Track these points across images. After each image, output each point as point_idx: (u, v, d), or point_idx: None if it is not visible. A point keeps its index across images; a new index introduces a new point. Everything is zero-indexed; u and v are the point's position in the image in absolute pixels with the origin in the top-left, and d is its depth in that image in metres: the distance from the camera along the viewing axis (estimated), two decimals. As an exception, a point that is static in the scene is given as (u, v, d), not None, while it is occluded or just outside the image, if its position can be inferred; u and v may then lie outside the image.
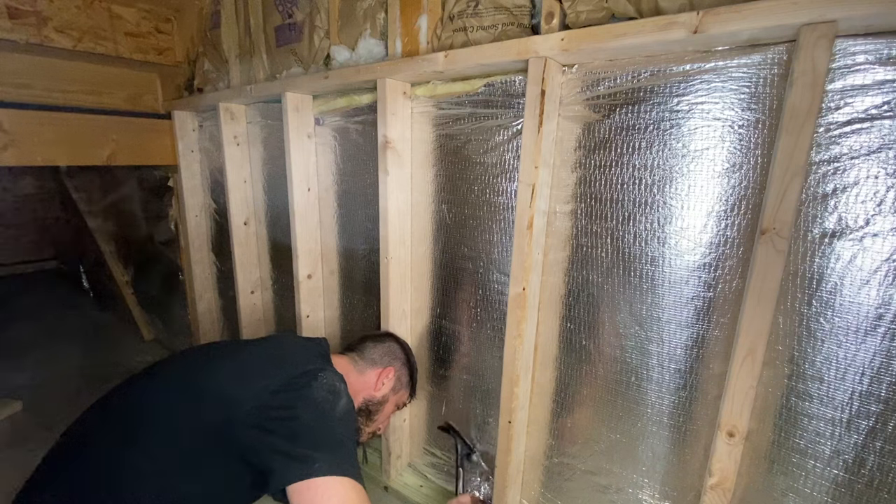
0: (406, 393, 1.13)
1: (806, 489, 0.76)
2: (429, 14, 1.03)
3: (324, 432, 0.74)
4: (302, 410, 0.75)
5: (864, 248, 0.66)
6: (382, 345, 1.11)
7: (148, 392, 0.83)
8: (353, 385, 0.98)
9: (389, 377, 1.06)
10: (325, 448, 0.72)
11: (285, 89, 1.29)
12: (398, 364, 1.10)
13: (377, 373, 1.05)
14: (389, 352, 1.11)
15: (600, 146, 0.88)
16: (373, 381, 1.04)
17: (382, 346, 1.11)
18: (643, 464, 0.93)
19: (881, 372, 0.67)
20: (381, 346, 1.11)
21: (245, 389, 0.78)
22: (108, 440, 0.77)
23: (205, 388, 0.80)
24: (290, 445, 0.71)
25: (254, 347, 0.95)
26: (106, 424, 0.80)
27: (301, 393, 0.78)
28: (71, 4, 1.50)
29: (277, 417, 0.74)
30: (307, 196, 1.40)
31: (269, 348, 0.95)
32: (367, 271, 1.37)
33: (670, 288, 0.84)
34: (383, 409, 1.07)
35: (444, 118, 1.09)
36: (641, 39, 0.73)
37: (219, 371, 0.83)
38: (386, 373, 1.06)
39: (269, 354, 0.91)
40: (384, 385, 1.05)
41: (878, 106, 0.64)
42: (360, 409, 1.01)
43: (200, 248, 1.98)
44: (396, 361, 1.10)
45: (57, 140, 1.62)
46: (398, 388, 1.09)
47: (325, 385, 0.80)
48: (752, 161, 0.74)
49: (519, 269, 0.94)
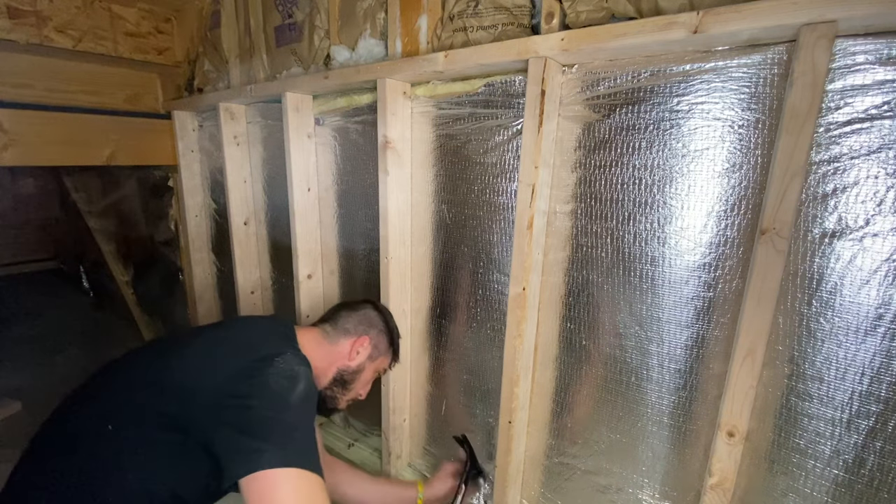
0: (386, 359, 1.12)
1: (806, 489, 0.76)
2: (429, 14, 1.03)
3: (276, 422, 0.72)
4: (255, 399, 0.73)
5: (864, 248, 0.66)
6: (357, 313, 1.09)
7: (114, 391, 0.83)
8: (324, 356, 0.99)
9: (364, 346, 1.04)
10: (276, 439, 0.70)
11: (285, 89, 1.29)
12: (374, 332, 1.07)
13: (351, 342, 1.03)
14: (365, 320, 1.08)
15: (600, 146, 0.88)
16: (346, 351, 1.02)
17: (357, 315, 1.08)
18: (643, 464, 0.93)
19: (881, 372, 0.67)
20: (356, 315, 1.08)
21: (202, 380, 0.78)
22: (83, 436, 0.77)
23: (165, 382, 0.79)
24: (240, 437, 0.69)
25: (213, 333, 0.94)
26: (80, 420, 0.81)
27: (255, 380, 0.76)
28: (71, 4, 1.50)
29: (231, 406, 0.73)
30: (307, 196, 1.40)
31: (229, 333, 0.93)
32: (367, 271, 1.37)
33: (670, 288, 0.84)
34: (360, 378, 1.06)
35: (444, 118, 1.09)
36: (641, 39, 0.73)
37: (179, 362, 0.83)
38: (360, 342, 1.04)
39: (228, 339, 0.90)
40: (359, 354, 1.03)
41: (878, 106, 0.64)
42: (335, 378, 1.01)
43: (200, 248, 1.98)
44: (372, 329, 1.07)
45: (57, 140, 1.62)
46: (375, 356, 1.07)
47: (281, 371, 0.78)
48: (752, 161, 0.74)
49: (519, 269, 0.94)
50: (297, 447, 0.71)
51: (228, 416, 0.72)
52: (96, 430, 0.77)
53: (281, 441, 0.70)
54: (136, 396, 0.79)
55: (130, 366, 0.87)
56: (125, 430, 0.76)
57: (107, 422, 0.77)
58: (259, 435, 0.69)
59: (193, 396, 0.76)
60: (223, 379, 0.77)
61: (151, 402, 0.78)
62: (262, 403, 0.73)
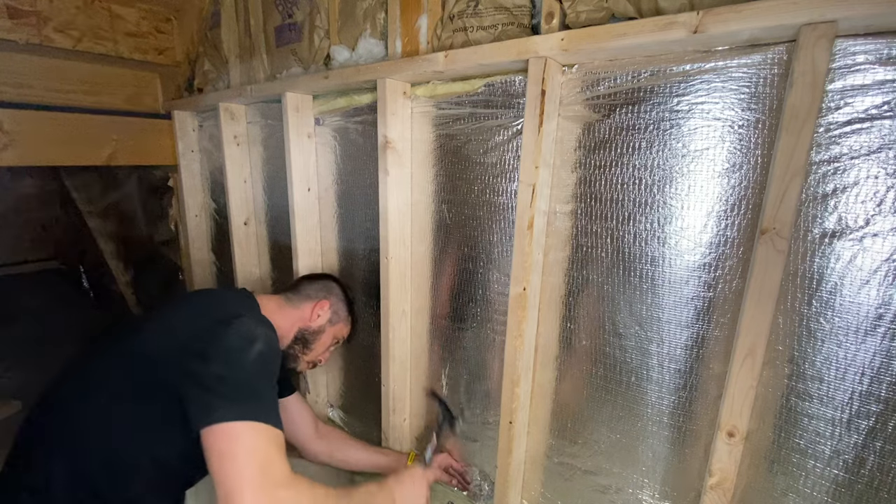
0: (345, 327, 1.21)
1: (806, 489, 0.76)
2: (429, 14, 1.03)
3: (233, 378, 0.75)
4: (213, 357, 0.77)
5: (864, 248, 0.66)
6: (318, 282, 1.20)
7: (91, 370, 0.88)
8: (286, 318, 1.08)
9: (325, 309, 1.14)
10: (232, 394, 0.73)
11: (285, 89, 1.29)
12: (334, 298, 1.18)
13: (312, 305, 1.12)
14: (325, 287, 1.19)
15: (600, 146, 0.88)
16: (307, 313, 1.11)
17: (318, 283, 1.19)
18: (643, 464, 0.93)
19: (881, 372, 0.67)
20: (317, 283, 1.19)
21: (167, 346, 0.83)
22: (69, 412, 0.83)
23: (135, 354, 0.84)
24: (200, 392, 0.74)
25: (177, 304, 0.98)
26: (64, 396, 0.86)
27: (214, 340, 0.80)
28: (71, 4, 1.50)
29: (192, 364, 0.77)
30: (307, 196, 1.40)
31: (191, 302, 0.99)
32: (367, 271, 1.37)
33: (670, 288, 0.84)
34: (320, 339, 1.14)
35: (444, 118, 1.09)
36: (641, 39, 0.72)
37: (145, 335, 0.87)
38: (321, 305, 1.13)
39: (191, 306, 0.95)
40: (320, 316, 1.12)
41: (878, 106, 0.64)
42: (296, 337, 1.10)
43: (200, 248, 1.98)
44: (332, 296, 1.18)
45: (57, 140, 1.62)
46: (335, 321, 1.17)
47: (239, 331, 0.81)
48: (752, 161, 0.74)
49: (519, 269, 0.94)
50: (252, 402, 0.74)
51: (190, 373, 0.76)
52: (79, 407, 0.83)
53: (235, 396, 0.73)
54: (111, 373, 0.84)
55: (107, 344, 0.92)
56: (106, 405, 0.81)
57: (87, 399, 0.83)
58: (215, 391, 0.73)
59: (158, 363, 0.81)
60: (185, 339, 0.82)
61: (124, 375, 0.83)
62: (219, 361, 0.77)
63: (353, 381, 1.52)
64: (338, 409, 1.58)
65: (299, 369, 1.16)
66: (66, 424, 0.81)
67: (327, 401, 1.59)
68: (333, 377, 1.57)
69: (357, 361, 1.48)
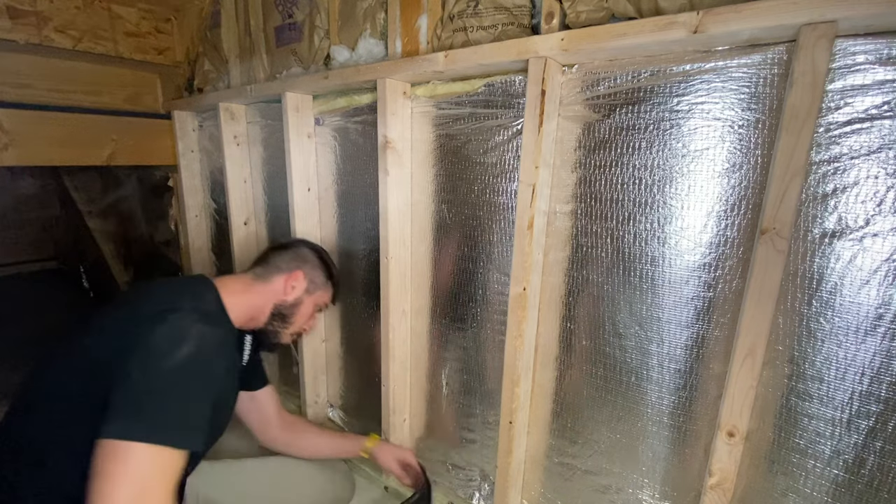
0: (326, 293, 1.15)
1: (806, 489, 0.76)
2: (429, 14, 1.03)
3: (143, 388, 0.69)
4: (132, 361, 0.71)
5: (864, 248, 0.66)
6: (289, 251, 1.12)
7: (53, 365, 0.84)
8: (256, 297, 1.02)
9: (299, 280, 1.07)
10: (131, 408, 0.68)
11: (285, 89, 1.29)
12: (308, 267, 1.10)
13: (284, 278, 1.05)
14: (297, 256, 1.11)
15: (600, 146, 0.88)
16: (281, 287, 1.05)
17: (289, 252, 1.12)
18: (643, 464, 0.93)
19: (881, 372, 0.67)
20: (288, 253, 1.12)
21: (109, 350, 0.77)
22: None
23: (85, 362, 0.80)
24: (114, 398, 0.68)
25: (124, 300, 0.92)
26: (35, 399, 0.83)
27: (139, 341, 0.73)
28: (71, 4, 1.50)
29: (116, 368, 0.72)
30: (307, 196, 1.40)
31: (139, 296, 0.92)
32: (367, 271, 1.37)
33: (670, 288, 0.84)
34: (299, 311, 1.08)
35: (444, 118, 1.09)
36: (641, 39, 0.72)
37: (92, 339, 0.82)
38: (294, 276, 1.06)
39: (138, 302, 0.88)
40: (294, 289, 1.06)
41: (878, 106, 0.64)
42: (273, 314, 1.04)
43: (200, 248, 1.98)
44: (306, 265, 1.10)
45: (57, 140, 1.62)
46: (313, 290, 1.10)
47: (165, 331, 0.74)
48: (752, 161, 0.74)
49: (519, 269, 0.94)
50: (155, 419, 0.68)
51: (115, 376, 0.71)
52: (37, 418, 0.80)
53: (135, 410, 0.68)
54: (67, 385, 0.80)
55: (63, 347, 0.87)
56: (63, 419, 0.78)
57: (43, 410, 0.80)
58: (119, 401, 0.68)
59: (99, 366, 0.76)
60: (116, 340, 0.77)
61: (78, 385, 0.78)
62: (137, 366, 0.71)
63: (353, 381, 1.52)
64: (338, 409, 1.58)
65: (283, 342, 1.11)
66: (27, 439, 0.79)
67: (327, 401, 1.59)
68: (333, 377, 1.57)
69: (357, 361, 1.48)
